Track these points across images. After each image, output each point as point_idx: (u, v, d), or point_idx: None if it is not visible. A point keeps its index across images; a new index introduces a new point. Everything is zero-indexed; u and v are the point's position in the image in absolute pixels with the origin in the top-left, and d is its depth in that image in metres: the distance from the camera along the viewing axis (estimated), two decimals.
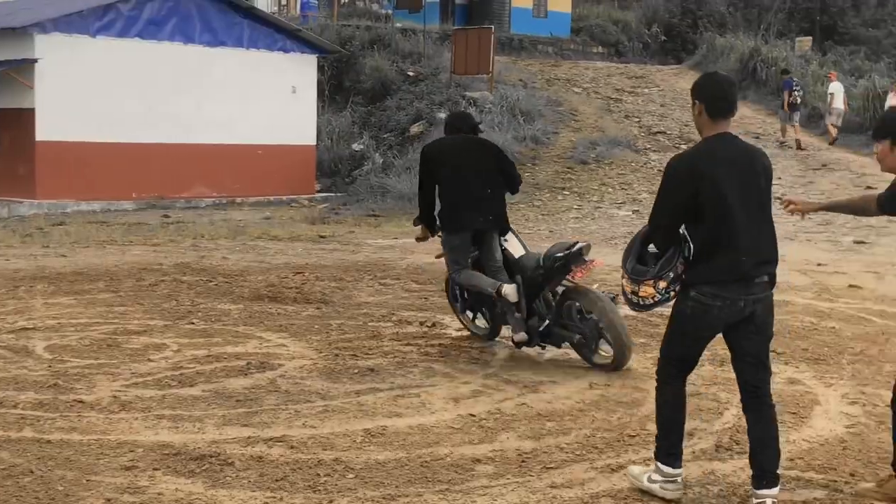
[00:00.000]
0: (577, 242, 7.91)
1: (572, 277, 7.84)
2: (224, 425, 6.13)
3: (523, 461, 5.58)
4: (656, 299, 4.97)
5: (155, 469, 5.32)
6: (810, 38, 37.74)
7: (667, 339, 5.08)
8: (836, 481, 5.30)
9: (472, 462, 5.55)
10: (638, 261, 5.05)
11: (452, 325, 9.42)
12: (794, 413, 6.54)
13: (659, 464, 5.05)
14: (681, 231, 4.90)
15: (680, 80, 34.18)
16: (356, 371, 7.57)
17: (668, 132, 27.34)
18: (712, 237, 4.77)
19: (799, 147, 26.42)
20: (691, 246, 4.86)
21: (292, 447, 5.74)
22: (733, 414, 6.48)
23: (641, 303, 5.04)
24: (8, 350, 8.02)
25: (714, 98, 4.91)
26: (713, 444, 5.88)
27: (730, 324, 4.86)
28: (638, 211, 19.63)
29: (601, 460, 5.61)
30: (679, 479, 5.05)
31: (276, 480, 5.20)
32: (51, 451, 5.57)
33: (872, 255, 14.34)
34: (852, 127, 28.10)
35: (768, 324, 4.94)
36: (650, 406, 6.65)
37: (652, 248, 5.05)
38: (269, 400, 6.73)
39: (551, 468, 5.47)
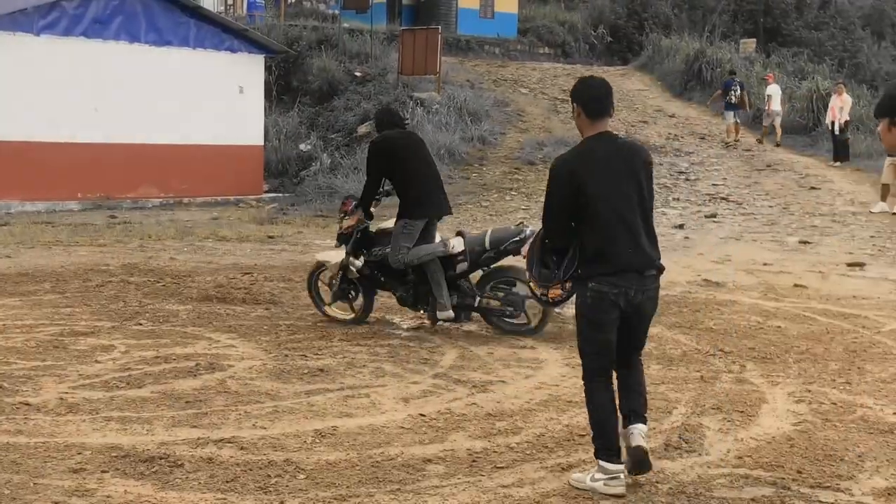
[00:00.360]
0: (526, 227, 9.12)
1: (523, 257, 8.46)
2: (173, 427, 6.09)
3: (474, 461, 5.60)
4: (563, 297, 5.40)
5: (103, 471, 5.26)
6: (754, 39, 38.20)
7: (580, 335, 5.30)
8: (783, 478, 5.37)
9: (423, 462, 5.56)
10: (542, 265, 5.37)
11: (402, 325, 9.44)
12: (741, 412, 6.62)
13: (600, 462, 5.16)
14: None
15: (626, 81, 34.45)
16: (306, 371, 7.56)
17: (615, 132, 27.47)
18: (598, 233, 5.07)
19: (728, 145, 26.80)
20: (583, 243, 5.15)
21: (242, 448, 5.71)
22: (682, 413, 6.57)
23: (551, 301, 5.50)
24: None
25: (590, 100, 5.23)
26: (662, 443, 5.92)
27: (624, 313, 5.13)
28: None
29: (551, 459, 5.64)
30: (621, 475, 5.13)
31: (227, 482, 5.17)
32: None
33: (817, 255, 14.56)
34: (796, 128, 28.51)
35: (651, 313, 5.30)
36: None
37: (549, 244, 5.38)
38: (218, 401, 6.69)
39: (502, 468, 5.50)
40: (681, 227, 17.61)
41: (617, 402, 5.26)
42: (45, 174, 21.07)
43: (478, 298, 9.06)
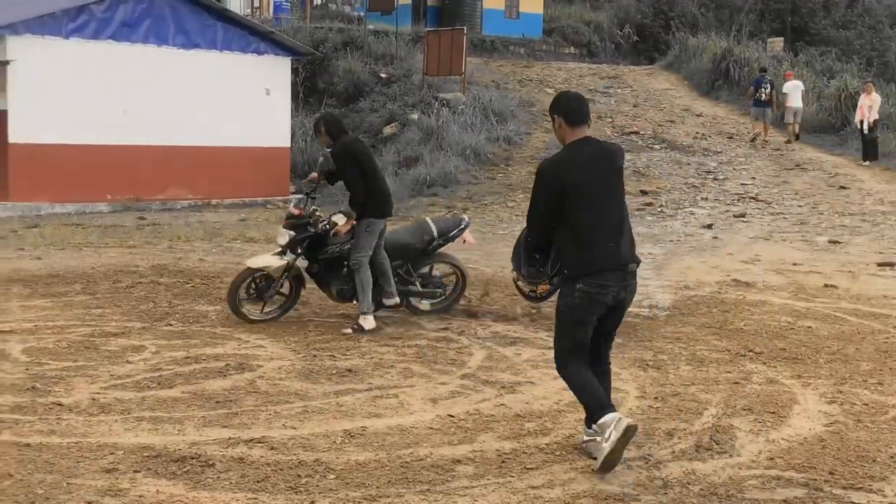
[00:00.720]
0: (464, 217, 10.49)
1: (463, 242, 10.09)
2: (204, 427, 6.12)
3: (503, 462, 5.60)
4: (550, 291, 5.68)
5: (136, 471, 5.30)
6: (781, 38, 37.97)
7: (561, 332, 5.60)
8: (815, 480, 5.34)
9: (453, 463, 5.56)
10: (529, 264, 5.69)
11: (429, 326, 9.43)
12: (772, 413, 6.59)
13: (600, 422, 5.40)
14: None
15: (653, 81, 34.32)
16: (334, 372, 7.58)
17: (642, 132, 27.42)
18: (582, 232, 5.40)
19: (754, 139, 26.70)
20: (567, 242, 5.47)
21: (273, 448, 5.73)
22: (712, 414, 6.54)
23: (539, 296, 5.78)
24: None
25: (570, 110, 5.62)
26: (693, 445, 5.90)
27: (607, 308, 5.49)
28: None
29: (581, 461, 5.62)
30: (620, 416, 5.37)
31: (258, 481, 5.19)
32: (30, 454, 5.53)
33: (847, 255, 14.46)
34: (824, 127, 28.30)
35: (629, 306, 5.70)
36: (630, 405, 6.72)
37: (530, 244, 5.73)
38: (248, 401, 6.72)
39: (531, 469, 5.49)
40: (709, 226, 17.54)
41: None
42: (75, 176, 21.23)
43: (417, 283, 9.91)
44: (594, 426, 5.47)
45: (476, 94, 27.91)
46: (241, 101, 23.89)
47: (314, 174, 9.89)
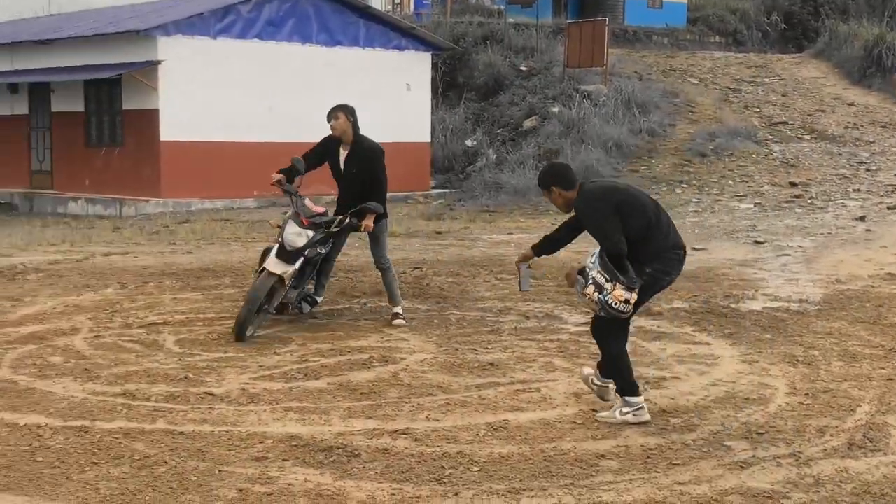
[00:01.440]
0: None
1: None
2: (349, 417, 6.21)
3: (648, 457, 5.52)
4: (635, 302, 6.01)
5: (284, 460, 5.41)
6: None
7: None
8: None
9: (596, 457, 5.52)
10: (622, 272, 5.96)
11: (570, 321, 9.37)
12: None
13: (626, 398, 6.12)
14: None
15: (802, 69, 33.32)
16: (476, 365, 7.59)
17: (790, 122, 26.70)
18: (650, 229, 6.05)
19: None
20: (641, 243, 6.06)
21: (416, 440, 5.78)
22: (866, 411, 6.32)
23: (632, 307, 5.96)
24: (139, 344, 8.25)
25: (563, 179, 6.28)
26: (846, 442, 5.72)
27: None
28: (760, 204, 19.16)
29: (729, 457, 5.51)
30: (644, 405, 6.13)
31: (402, 472, 5.24)
32: (183, 442, 5.71)
33: None
34: None
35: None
36: (779, 402, 6.57)
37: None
38: (392, 393, 6.80)
39: (677, 465, 5.40)
40: (862, 218, 16.98)
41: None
42: (223, 173, 21.84)
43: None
44: (623, 399, 6.14)
45: (618, 85, 27.60)
46: (382, 97, 24.15)
47: (279, 175, 9.77)
